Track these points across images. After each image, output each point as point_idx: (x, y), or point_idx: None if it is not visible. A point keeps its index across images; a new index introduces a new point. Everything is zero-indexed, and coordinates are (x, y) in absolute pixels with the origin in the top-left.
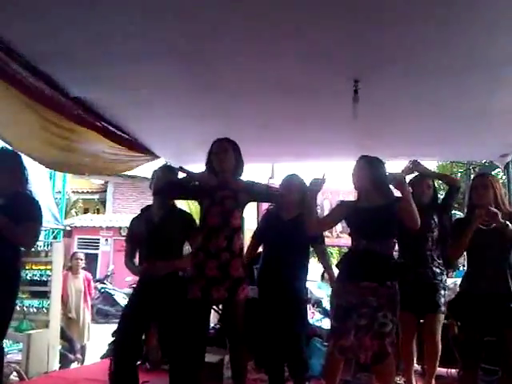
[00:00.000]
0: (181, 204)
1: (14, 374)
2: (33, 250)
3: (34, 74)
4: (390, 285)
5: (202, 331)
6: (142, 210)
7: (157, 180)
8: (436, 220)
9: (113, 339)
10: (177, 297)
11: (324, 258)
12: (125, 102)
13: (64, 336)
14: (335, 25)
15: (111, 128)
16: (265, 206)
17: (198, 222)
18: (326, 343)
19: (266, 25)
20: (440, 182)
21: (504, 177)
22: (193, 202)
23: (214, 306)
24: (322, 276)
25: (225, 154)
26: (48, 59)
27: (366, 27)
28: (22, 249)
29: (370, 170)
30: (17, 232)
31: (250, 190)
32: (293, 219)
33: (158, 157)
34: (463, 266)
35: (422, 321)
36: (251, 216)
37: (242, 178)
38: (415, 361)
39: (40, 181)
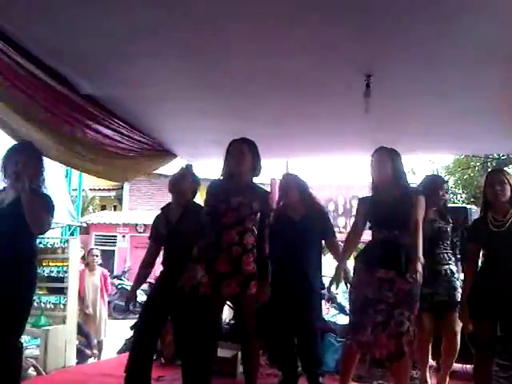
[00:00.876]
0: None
1: (32, 368)
2: (49, 246)
3: (45, 72)
4: (410, 278)
5: (214, 326)
6: (162, 208)
7: (174, 179)
8: (451, 224)
9: (132, 334)
10: (192, 296)
11: (336, 251)
12: (136, 100)
13: (81, 332)
14: (346, 19)
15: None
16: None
17: None
18: (340, 339)
19: (276, 20)
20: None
21: None
22: None
23: (229, 302)
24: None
25: (242, 156)
26: (60, 57)
27: (378, 21)
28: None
29: (391, 163)
30: (39, 211)
31: (262, 199)
32: (303, 218)
33: (174, 155)
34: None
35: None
36: None
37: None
38: (430, 357)
39: (56, 178)
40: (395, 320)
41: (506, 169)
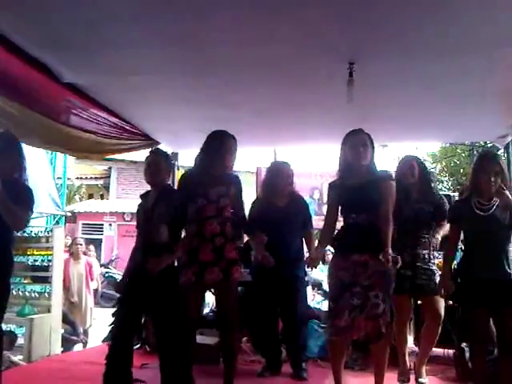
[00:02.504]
0: None
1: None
2: (33, 235)
3: (26, 60)
4: (384, 259)
5: (195, 315)
6: (141, 196)
7: (147, 166)
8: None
9: (112, 322)
10: (170, 284)
11: (310, 242)
12: (119, 88)
13: (66, 320)
14: (329, 6)
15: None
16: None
17: None
18: (323, 325)
19: (260, 8)
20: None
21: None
22: None
23: (213, 290)
24: (323, 259)
25: (230, 157)
26: (40, 45)
27: (361, 9)
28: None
29: (371, 148)
30: (13, 209)
31: (236, 187)
32: (287, 206)
33: (157, 142)
34: (461, 249)
35: (419, 302)
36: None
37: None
38: (412, 342)
39: (40, 167)
40: (371, 302)
41: None
